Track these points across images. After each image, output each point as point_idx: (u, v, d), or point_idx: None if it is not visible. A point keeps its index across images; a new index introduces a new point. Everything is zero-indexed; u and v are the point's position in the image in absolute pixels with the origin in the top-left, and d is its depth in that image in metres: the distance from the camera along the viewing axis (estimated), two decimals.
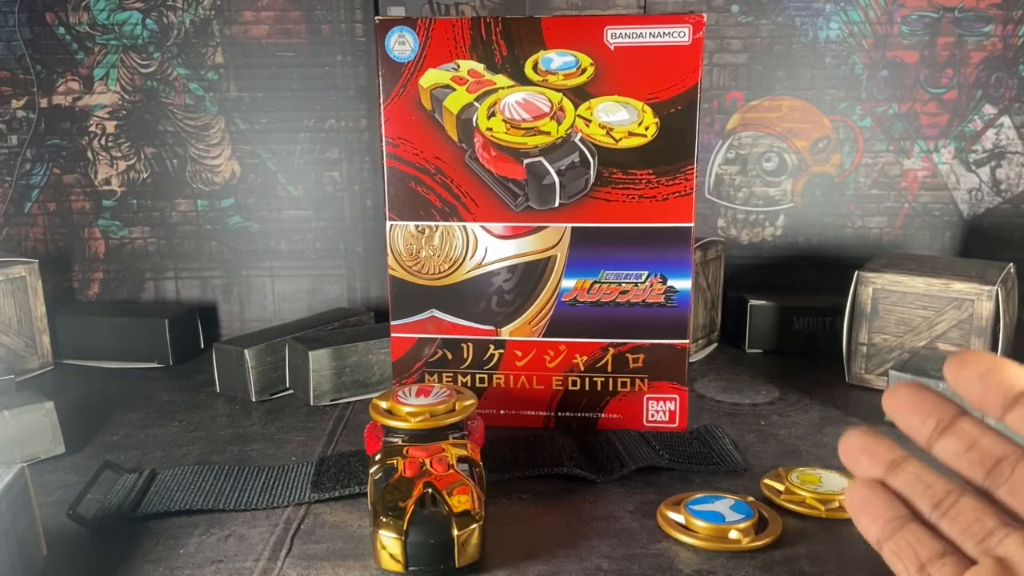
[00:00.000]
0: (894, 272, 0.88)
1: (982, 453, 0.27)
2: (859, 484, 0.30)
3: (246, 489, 0.67)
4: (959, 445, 0.28)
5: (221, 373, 0.91)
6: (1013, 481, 0.27)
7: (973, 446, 0.27)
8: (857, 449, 0.30)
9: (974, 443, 0.27)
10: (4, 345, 0.97)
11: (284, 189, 1.12)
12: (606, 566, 0.56)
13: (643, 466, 0.70)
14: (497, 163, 0.75)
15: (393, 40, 0.74)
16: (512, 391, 0.80)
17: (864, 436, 0.30)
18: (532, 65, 0.74)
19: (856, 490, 0.30)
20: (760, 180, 1.13)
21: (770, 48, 1.09)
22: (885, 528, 0.28)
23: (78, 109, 1.10)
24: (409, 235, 0.77)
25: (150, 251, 1.14)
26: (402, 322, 0.79)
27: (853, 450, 0.30)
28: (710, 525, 0.58)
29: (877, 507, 0.29)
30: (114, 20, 1.07)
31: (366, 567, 0.56)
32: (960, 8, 1.06)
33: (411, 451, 0.57)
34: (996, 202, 1.12)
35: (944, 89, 1.09)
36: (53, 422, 0.74)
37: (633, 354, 0.78)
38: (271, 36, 1.08)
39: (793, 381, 0.93)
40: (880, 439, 0.30)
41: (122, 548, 0.59)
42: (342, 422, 0.83)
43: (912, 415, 0.28)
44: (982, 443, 0.27)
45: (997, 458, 0.27)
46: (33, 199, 1.12)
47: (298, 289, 1.15)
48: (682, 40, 0.72)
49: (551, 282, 0.77)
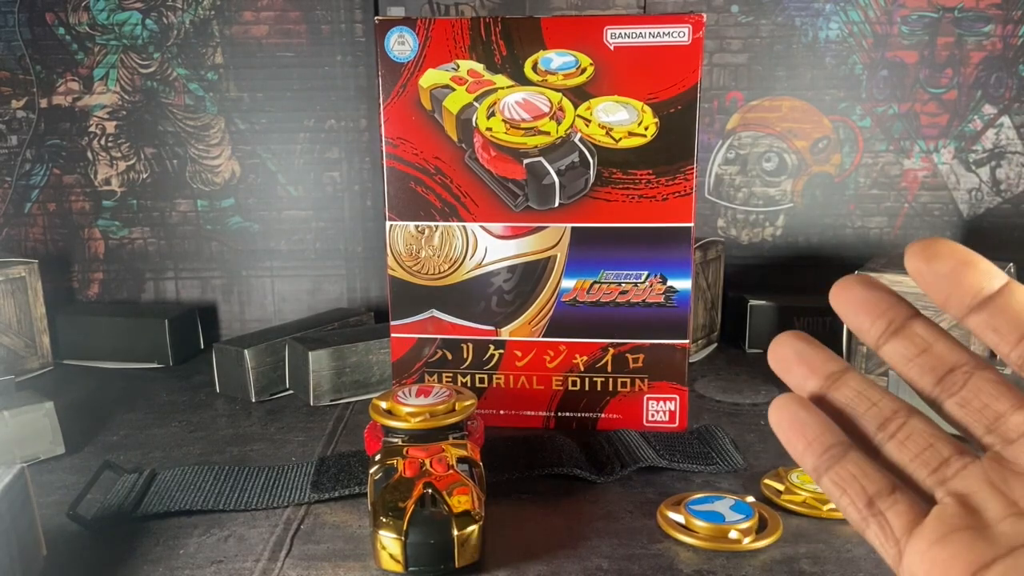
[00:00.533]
0: (894, 272, 0.88)
1: (934, 359, 0.25)
2: (789, 400, 0.26)
3: (246, 489, 0.67)
4: (911, 349, 0.25)
5: (221, 373, 0.91)
6: (965, 392, 0.24)
7: (925, 351, 0.25)
8: (791, 356, 0.27)
9: (927, 348, 0.25)
10: (4, 345, 0.97)
11: (284, 189, 1.12)
12: (606, 566, 0.56)
13: (643, 466, 0.70)
14: (497, 163, 0.75)
15: (393, 40, 0.74)
16: (512, 391, 0.80)
17: (799, 341, 0.27)
18: (532, 65, 0.74)
19: (785, 407, 0.26)
20: (760, 180, 1.13)
21: (770, 48, 1.09)
22: (824, 456, 0.25)
23: (78, 109, 1.10)
24: (409, 235, 0.77)
25: (150, 251, 1.14)
26: (402, 322, 0.79)
27: (785, 357, 0.27)
28: (710, 525, 0.58)
29: (812, 429, 0.26)
30: (114, 20, 1.07)
31: (366, 567, 0.56)
32: (960, 8, 1.06)
33: (411, 451, 0.57)
34: (996, 202, 1.12)
35: (944, 89, 1.09)
36: (53, 422, 0.74)
37: (633, 354, 0.78)
38: (271, 36, 1.08)
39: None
40: (817, 346, 0.27)
41: (122, 548, 0.59)
42: (342, 422, 0.83)
43: (862, 313, 0.26)
44: (935, 349, 0.25)
45: (950, 366, 0.25)
46: (33, 199, 1.12)
47: (298, 289, 1.15)
48: (682, 40, 0.72)
49: (551, 282, 0.77)
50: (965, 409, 0.24)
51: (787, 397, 0.27)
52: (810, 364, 0.27)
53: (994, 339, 0.24)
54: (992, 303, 0.23)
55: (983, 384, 0.24)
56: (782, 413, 0.26)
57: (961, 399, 0.24)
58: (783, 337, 0.27)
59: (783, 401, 0.26)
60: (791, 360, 0.27)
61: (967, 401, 0.24)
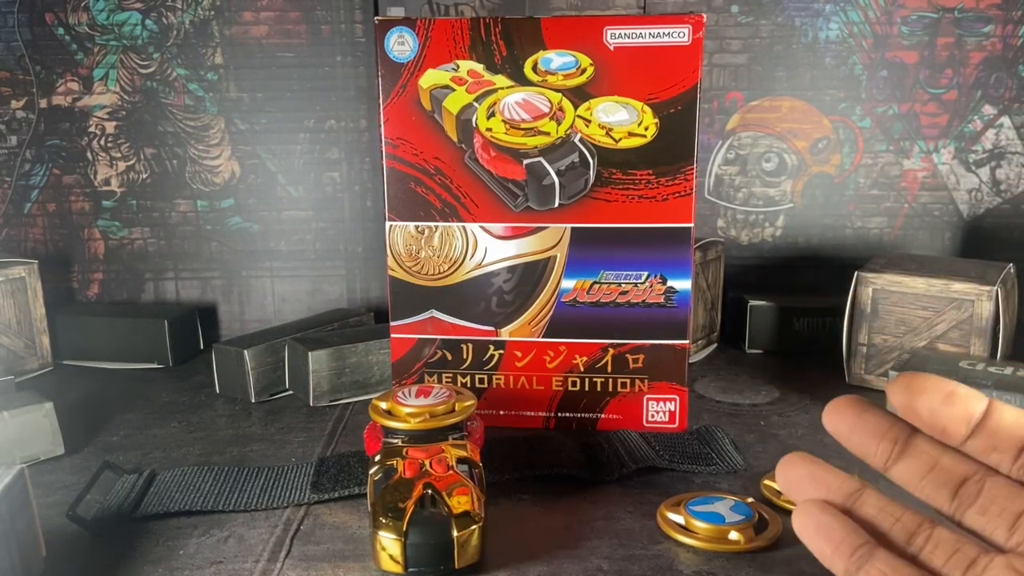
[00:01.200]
0: (894, 272, 0.88)
1: (946, 474, 0.25)
2: (812, 506, 0.26)
3: (246, 490, 0.67)
4: (920, 467, 0.25)
5: (221, 374, 0.91)
6: (983, 501, 0.24)
7: (934, 467, 0.25)
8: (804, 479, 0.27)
9: (935, 463, 0.25)
10: (4, 346, 0.97)
11: (284, 190, 1.12)
12: (606, 567, 0.56)
13: (643, 467, 0.70)
14: (497, 163, 0.75)
15: (393, 40, 0.74)
16: (512, 392, 0.80)
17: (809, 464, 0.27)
18: (532, 65, 0.74)
19: (809, 513, 0.26)
20: (760, 180, 1.13)
21: (770, 48, 1.09)
22: (853, 557, 0.25)
23: (78, 110, 1.10)
24: (409, 236, 0.77)
25: (150, 252, 1.14)
26: (402, 323, 0.79)
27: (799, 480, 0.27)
28: (710, 526, 0.58)
29: (838, 532, 0.26)
30: (113, 20, 1.07)
31: (366, 568, 0.56)
32: (960, 8, 1.06)
33: (411, 452, 0.57)
34: (996, 202, 1.12)
35: (944, 89, 1.09)
36: (53, 423, 0.74)
37: (633, 355, 0.78)
38: (271, 36, 1.08)
39: (793, 382, 0.93)
40: (828, 468, 0.27)
41: (122, 549, 0.59)
42: (342, 423, 0.83)
43: (864, 436, 0.26)
44: (943, 463, 0.25)
45: (962, 478, 0.25)
46: (33, 199, 1.12)
47: (298, 290, 1.15)
48: (682, 40, 0.72)
49: (551, 283, 0.77)
50: (986, 516, 0.24)
51: (810, 503, 0.26)
52: (826, 486, 0.27)
53: (996, 458, 0.24)
54: (984, 427, 0.24)
55: (997, 489, 0.24)
56: (806, 519, 0.26)
57: (980, 508, 0.24)
58: (792, 459, 0.27)
59: (806, 507, 0.26)
60: (805, 483, 0.27)
61: (986, 508, 0.24)
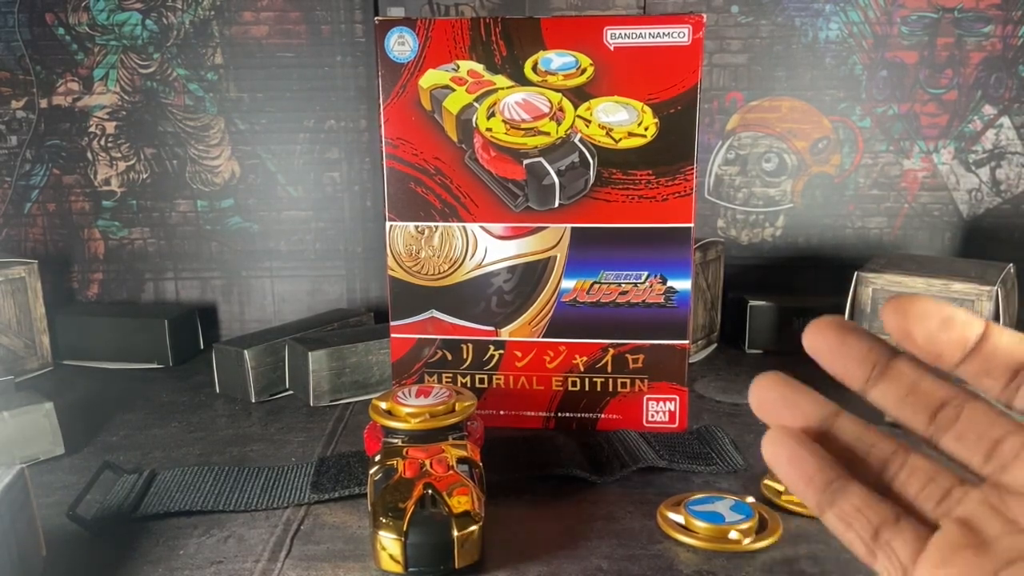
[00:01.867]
0: (894, 272, 0.88)
1: (925, 397, 0.25)
2: (783, 435, 0.26)
3: (246, 490, 0.67)
4: (899, 389, 0.25)
5: (221, 374, 0.91)
6: (960, 427, 0.24)
7: (913, 390, 0.25)
8: (777, 401, 0.26)
9: (914, 387, 0.25)
10: (4, 346, 0.97)
11: (284, 190, 1.12)
12: (606, 566, 0.56)
13: (643, 466, 0.70)
14: (497, 163, 0.75)
15: (393, 41, 0.74)
16: (512, 392, 0.80)
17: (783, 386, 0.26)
18: (532, 65, 0.74)
19: (780, 442, 0.26)
20: (760, 180, 1.13)
21: (770, 48, 1.09)
22: (826, 492, 0.25)
23: (78, 110, 1.10)
24: (409, 236, 0.77)
25: (150, 252, 1.14)
26: (402, 323, 0.79)
27: (771, 401, 0.26)
28: (710, 525, 0.58)
29: (811, 464, 0.25)
30: (114, 21, 1.07)
31: (366, 568, 0.56)
32: (960, 8, 1.06)
33: (411, 452, 0.57)
34: (996, 202, 1.12)
35: (944, 90, 1.09)
36: (53, 423, 0.74)
37: (633, 355, 0.78)
38: (271, 37, 1.08)
39: None
40: (804, 391, 0.26)
41: (122, 549, 0.59)
42: (342, 423, 0.83)
43: (844, 359, 0.25)
44: (923, 386, 0.25)
45: (941, 401, 0.24)
46: (33, 199, 1.12)
47: (298, 290, 1.15)
48: (682, 40, 0.72)
49: (551, 283, 0.77)
50: (962, 442, 0.24)
51: (781, 431, 0.26)
52: (800, 409, 0.26)
53: (988, 383, 0.24)
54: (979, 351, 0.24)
55: (976, 414, 0.24)
56: (778, 449, 0.26)
57: (957, 432, 0.24)
58: (764, 380, 0.26)
59: (777, 436, 0.26)
60: (777, 405, 0.26)
61: (963, 434, 0.24)
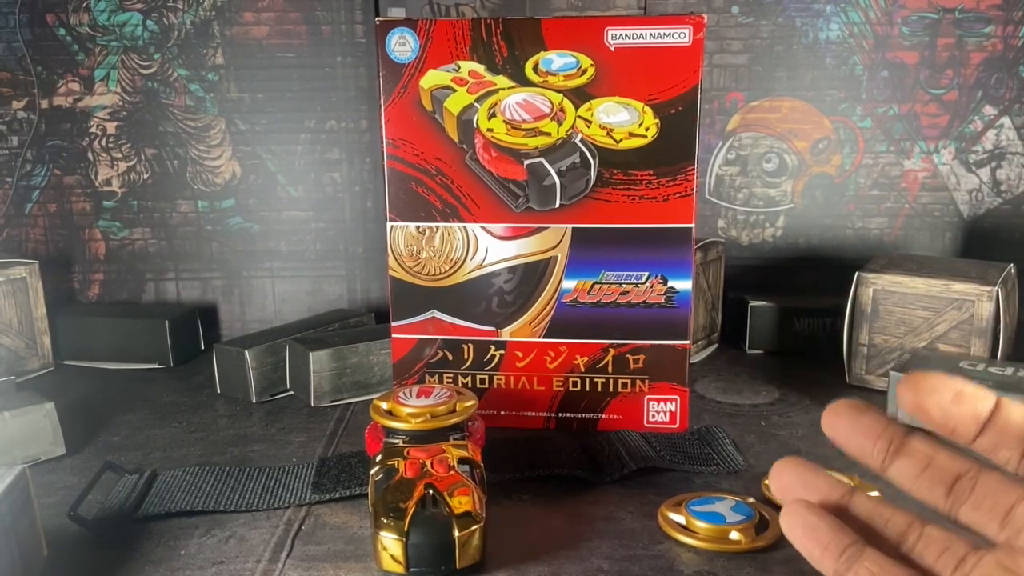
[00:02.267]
0: (894, 273, 0.88)
1: (940, 472, 0.25)
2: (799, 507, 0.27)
3: (247, 490, 0.67)
4: (915, 466, 0.26)
5: (221, 374, 0.91)
6: (976, 497, 0.25)
7: (929, 466, 0.26)
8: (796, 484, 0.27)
9: (929, 462, 0.26)
10: (4, 346, 0.97)
11: (284, 190, 1.12)
12: (607, 567, 0.56)
13: (644, 467, 0.70)
14: (498, 164, 0.75)
15: (394, 41, 0.74)
16: (513, 392, 0.80)
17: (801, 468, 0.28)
18: (532, 66, 0.74)
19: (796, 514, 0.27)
20: (760, 181, 1.13)
21: (770, 49, 1.09)
22: (842, 558, 0.26)
23: (79, 110, 1.10)
24: (410, 236, 0.77)
25: (151, 252, 1.14)
26: (403, 323, 0.79)
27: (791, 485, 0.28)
28: (711, 526, 0.58)
29: (826, 532, 0.26)
30: (115, 21, 1.08)
31: (367, 568, 0.56)
32: (960, 9, 1.06)
33: (412, 452, 0.57)
34: (996, 203, 1.12)
35: (944, 90, 1.09)
36: (54, 423, 0.74)
37: (633, 355, 0.78)
38: (271, 37, 1.08)
39: (793, 382, 0.93)
40: (818, 472, 0.28)
41: (123, 549, 0.59)
42: (343, 423, 0.83)
43: (861, 438, 0.26)
44: (938, 461, 0.26)
45: (955, 475, 0.25)
46: (33, 200, 1.12)
47: (298, 290, 1.15)
48: (682, 41, 0.72)
49: (552, 283, 0.77)
50: (979, 511, 0.25)
51: (798, 503, 0.27)
52: (816, 491, 0.27)
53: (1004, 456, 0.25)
54: (992, 425, 0.24)
55: (990, 484, 0.25)
56: (794, 519, 0.27)
57: (973, 503, 0.25)
58: (783, 465, 0.28)
59: (794, 508, 0.27)
60: (796, 488, 0.28)
61: (979, 504, 0.25)
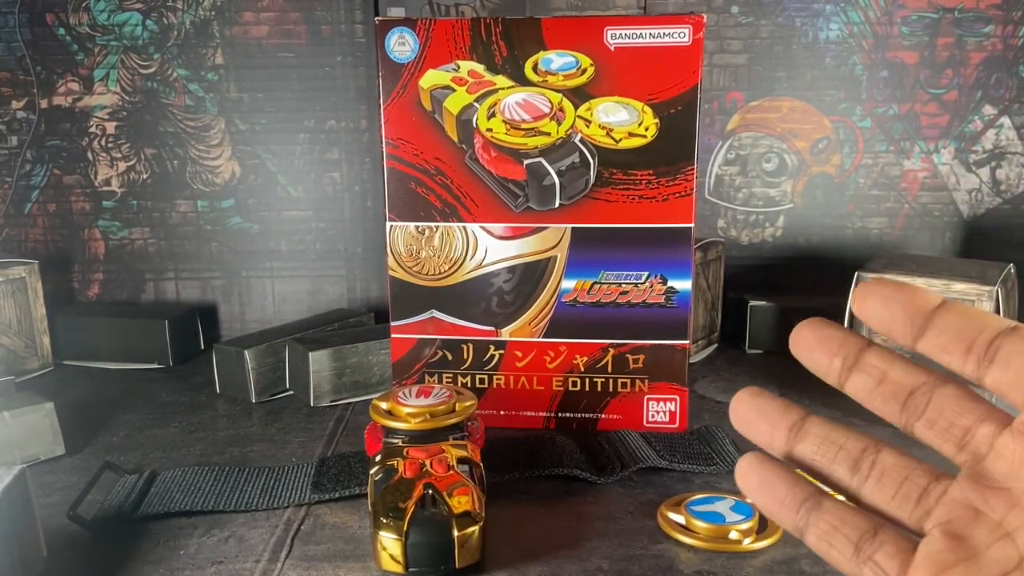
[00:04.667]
0: (894, 273, 0.88)
1: (893, 386, 0.25)
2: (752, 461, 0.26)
3: (246, 490, 0.67)
4: (869, 380, 0.25)
5: (221, 374, 0.91)
6: (929, 412, 0.24)
7: (883, 380, 0.25)
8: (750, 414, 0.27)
9: (884, 376, 0.25)
10: (4, 346, 0.97)
11: (284, 190, 1.12)
12: (606, 567, 0.56)
13: (643, 467, 0.70)
14: (497, 164, 0.75)
15: (393, 41, 0.74)
16: (512, 392, 0.80)
17: (755, 397, 0.27)
18: (532, 66, 0.74)
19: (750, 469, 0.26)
20: (760, 181, 1.13)
21: (770, 49, 1.09)
22: (800, 512, 0.25)
23: (78, 110, 1.10)
24: (409, 236, 0.77)
25: (150, 252, 1.14)
26: (402, 323, 0.79)
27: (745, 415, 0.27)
28: (710, 526, 0.58)
29: (781, 487, 0.26)
30: (114, 21, 1.07)
31: (366, 568, 0.56)
32: (960, 9, 1.06)
33: (411, 452, 0.57)
34: (996, 203, 1.12)
35: (944, 90, 1.09)
36: (53, 423, 0.74)
37: (633, 355, 0.78)
38: (271, 37, 1.08)
39: (793, 382, 0.93)
40: (773, 399, 0.27)
41: (122, 549, 0.59)
42: (342, 423, 0.83)
43: (819, 354, 0.26)
44: (892, 375, 0.25)
45: (909, 389, 0.24)
46: (33, 200, 1.12)
47: (298, 290, 1.15)
48: (682, 41, 0.72)
49: (551, 283, 0.77)
50: (933, 430, 0.24)
51: (750, 458, 0.26)
52: (770, 418, 0.27)
53: (945, 358, 0.24)
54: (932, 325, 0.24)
55: (945, 400, 0.24)
56: (748, 476, 0.26)
57: (927, 420, 0.24)
58: (740, 396, 0.27)
59: (747, 463, 0.26)
60: (751, 418, 0.27)
61: (933, 421, 0.24)
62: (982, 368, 0.23)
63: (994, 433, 0.23)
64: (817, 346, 0.26)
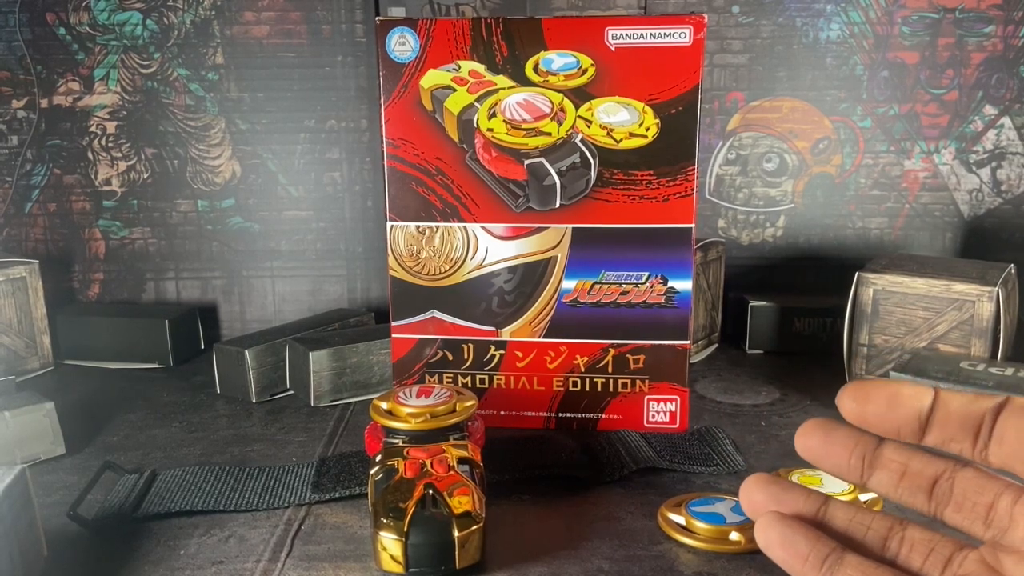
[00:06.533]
0: (895, 273, 0.88)
1: (916, 478, 0.25)
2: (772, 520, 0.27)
3: (246, 490, 0.67)
4: (892, 476, 0.26)
5: (221, 374, 0.91)
6: (956, 498, 0.25)
7: (904, 473, 0.26)
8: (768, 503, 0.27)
9: (904, 470, 0.26)
10: (4, 346, 0.97)
11: (285, 190, 1.12)
12: (607, 567, 0.56)
13: (644, 467, 0.70)
14: (498, 164, 0.75)
15: (394, 41, 0.74)
16: (513, 392, 0.80)
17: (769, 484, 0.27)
18: (533, 66, 0.74)
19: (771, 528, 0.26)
20: (761, 181, 1.13)
21: (771, 49, 1.09)
22: (824, 568, 0.25)
23: (78, 109, 1.10)
24: (410, 236, 0.77)
25: (150, 252, 1.14)
26: (402, 323, 0.79)
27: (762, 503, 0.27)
28: (711, 526, 0.58)
29: (803, 545, 0.26)
30: (114, 20, 1.07)
31: (367, 568, 0.56)
32: (961, 9, 1.06)
33: (412, 452, 0.57)
34: (997, 203, 1.12)
35: (945, 90, 1.09)
36: (53, 423, 0.74)
37: (634, 355, 0.78)
38: (272, 37, 1.08)
39: (794, 382, 0.93)
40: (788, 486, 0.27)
41: (123, 549, 0.59)
42: (342, 423, 0.83)
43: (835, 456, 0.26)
44: (912, 468, 0.26)
45: (932, 479, 0.25)
46: (33, 199, 1.12)
47: (298, 290, 1.15)
48: (683, 41, 0.72)
49: (552, 283, 0.77)
50: (961, 513, 0.25)
51: (771, 516, 0.27)
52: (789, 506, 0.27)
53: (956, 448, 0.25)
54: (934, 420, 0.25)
55: (967, 483, 0.25)
56: (770, 534, 0.27)
57: (955, 505, 0.25)
58: (751, 484, 0.28)
59: (768, 521, 0.27)
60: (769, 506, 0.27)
61: (960, 504, 0.25)
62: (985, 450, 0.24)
63: (1012, 504, 0.24)
64: (829, 449, 0.26)
